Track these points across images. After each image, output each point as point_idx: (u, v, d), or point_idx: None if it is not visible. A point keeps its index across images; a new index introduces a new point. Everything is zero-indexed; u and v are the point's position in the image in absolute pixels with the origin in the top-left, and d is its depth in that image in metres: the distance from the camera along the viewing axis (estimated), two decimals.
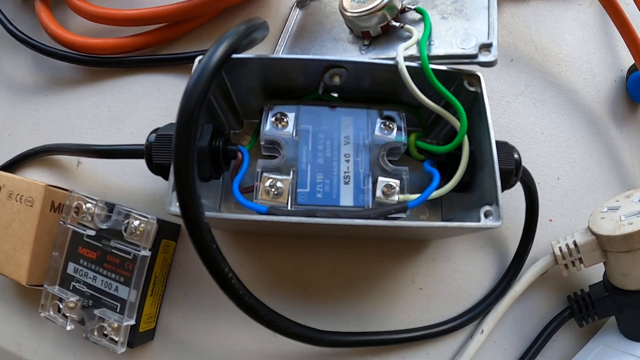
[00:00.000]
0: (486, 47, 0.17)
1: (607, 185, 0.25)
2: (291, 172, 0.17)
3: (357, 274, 0.20)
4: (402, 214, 0.16)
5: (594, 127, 0.26)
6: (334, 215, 0.15)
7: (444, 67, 0.17)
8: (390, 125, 0.18)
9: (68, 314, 0.19)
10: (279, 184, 0.16)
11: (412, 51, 0.18)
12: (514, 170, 0.17)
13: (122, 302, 0.18)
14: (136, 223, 0.18)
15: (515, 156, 0.18)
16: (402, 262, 0.20)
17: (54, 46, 0.25)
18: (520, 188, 0.20)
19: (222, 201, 0.20)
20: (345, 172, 0.17)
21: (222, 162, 0.17)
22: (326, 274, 0.20)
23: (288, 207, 0.16)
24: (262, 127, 0.17)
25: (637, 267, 0.19)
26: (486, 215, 0.15)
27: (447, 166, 0.18)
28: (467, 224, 0.15)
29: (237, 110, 0.20)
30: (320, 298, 0.20)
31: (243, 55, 0.16)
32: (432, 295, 0.20)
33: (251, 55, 0.17)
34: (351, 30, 0.20)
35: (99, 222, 0.19)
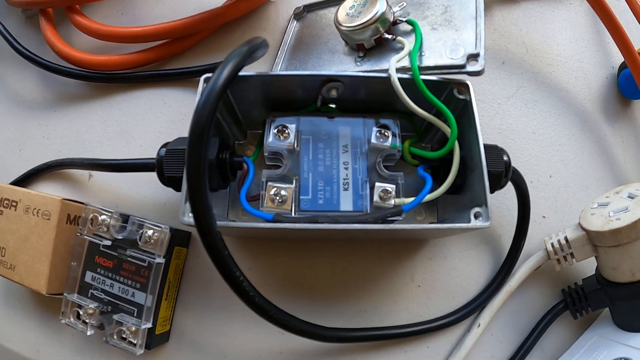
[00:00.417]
0: (473, 57, 0.19)
1: (600, 181, 0.26)
2: (294, 181, 0.19)
3: (358, 274, 0.22)
4: (397, 217, 0.17)
5: (585, 125, 0.27)
6: (334, 220, 0.16)
7: (434, 78, 0.19)
8: (386, 133, 0.19)
9: (87, 320, 0.21)
10: (283, 192, 0.18)
11: (405, 62, 0.20)
12: (504, 172, 0.19)
13: (139, 307, 0.20)
14: (150, 232, 0.20)
15: (505, 158, 0.19)
16: (401, 261, 0.22)
17: (60, 63, 0.27)
18: (513, 187, 0.22)
19: (229, 209, 0.21)
20: (344, 179, 0.19)
21: (229, 173, 0.19)
22: (329, 274, 0.22)
23: (292, 214, 0.18)
24: (265, 139, 0.19)
25: (626, 260, 0.20)
26: (476, 216, 0.17)
27: (440, 170, 0.20)
28: (458, 225, 0.17)
29: (240, 122, 0.22)
30: (324, 297, 0.22)
31: (245, 72, 0.18)
32: (431, 292, 0.22)
33: (252, 73, 0.18)
34: (346, 43, 0.22)
35: (115, 232, 0.21)
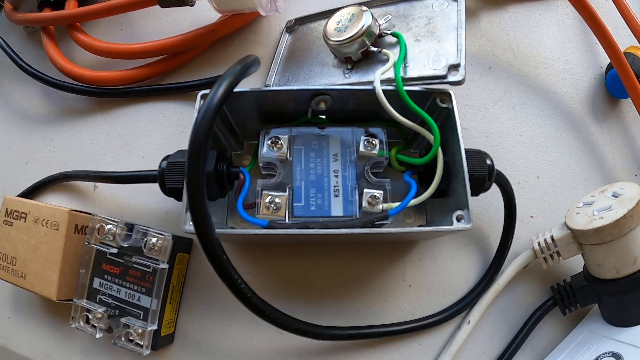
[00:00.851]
0: (454, 67, 0.21)
1: (588, 180, 0.28)
2: (287, 189, 0.21)
3: (352, 275, 0.24)
4: (384, 221, 0.19)
5: (573, 125, 0.29)
6: (324, 226, 0.18)
7: (417, 88, 0.21)
8: (373, 142, 0.21)
9: (96, 324, 0.23)
10: (277, 200, 0.20)
11: (390, 74, 0.21)
12: (487, 176, 0.21)
13: (145, 310, 0.22)
14: (154, 240, 0.22)
15: (488, 162, 0.21)
16: (393, 262, 0.24)
17: (63, 79, 0.29)
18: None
19: (228, 216, 0.23)
20: (334, 186, 0.21)
21: (226, 183, 0.21)
22: (324, 276, 0.24)
23: (286, 220, 0.20)
24: (260, 150, 0.21)
25: (611, 257, 0.22)
26: (458, 219, 0.19)
27: (426, 176, 0.21)
28: (440, 227, 0.19)
29: (237, 133, 0.24)
30: (320, 298, 0.24)
31: (239, 89, 0.20)
32: (422, 291, 0.24)
33: (247, 89, 0.20)
34: (335, 56, 0.24)
35: (121, 240, 0.23)
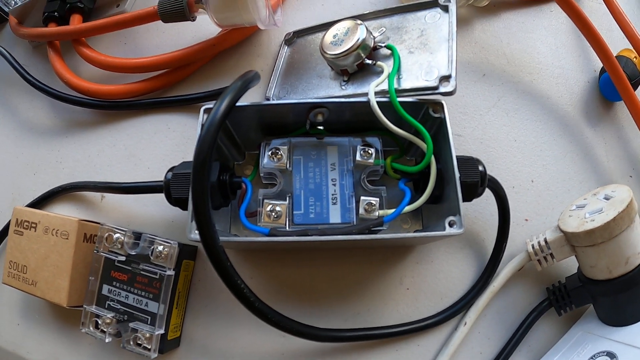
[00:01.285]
0: (446, 78, 0.22)
1: (582, 182, 0.29)
2: (287, 198, 0.22)
3: (351, 280, 0.25)
4: (380, 228, 0.21)
5: (567, 129, 0.30)
6: (322, 233, 0.20)
7: (411, 99, 0.22)
8: (369, 151, 0.23)
9: (105, 329, 0.25)
10: (277, 208, 0.22)
11: (385, 86, 0.23)
12: (479, 182, 0.22)
13: (153, 315, 0.24)
14: (160, 248, 0.24)
15: (480, 168, 0.22)
16: (390, 266, 0.26)
17: (69, 93, 0.31)
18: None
19: (232, 224, 0.25)
20: (332, 195, 0.22)
21: (229, 193, 0.23)
22: (324, 281, 0.26)
23: (286, 228, 0.21)
24: (261, 161, 0.23)
25: (603, 259, 0.23)
26: (450, 224, 0.20)
27: (420, 183, 0.23)
28: (432, 233, 0.20)
29: (239, 145, 0.25)
30: (320, 302, 0.25)
31: (241, 103, 0.22)
32: (419, 294, 0.25)
33: (247, 103, 0.22)
34: (332, 68, 0.25)
35: (128, 249, 0.24)
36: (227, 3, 0.26)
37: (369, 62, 0.24)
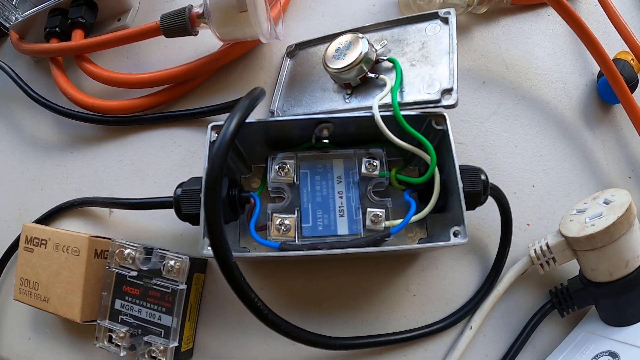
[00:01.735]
0: (447, 91, 0.23)
1: (582, 186, 0.30)
2: (296, 211, 0.23)
3: (359, 288, 0.27)
4: (387, 239, 0.22)
5: (566, 133, 0.31)
6: (332, 246, 0.21)
7: (414, 112, 0.23)
8: (374, 164, 0.24)
9: (120, 343, 0.26)
10: (286, 222, 0.23)
11: (388, 99, 0.24)
12: (482, 190, 0.23)
13: (166, 329, 0.25)
14: (172, 262, 0.25)
15: (482, 178, 0.24)
16: (397, 274, 0.27)
17: (73, 108, 0.32)
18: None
19: (240, 237, 0.26)
20: (339, 207, 0.23)
21: (238, 207, 0.24)
22: (333, 290, 0.27)
23: (296, 240, 0.22)
24: (268, 175, 0.24)
25: (603, 262, 0.24)
26: (455, 234, 0.21)
27: (424, 193, 0.24)
28: (438, 243, 0.21)
29: (245, 159, 0.26)
30: (329, 311, 0.26)
31: (247, 120, 0.23)
32: (425, 300, 0.26)
33: (254, 120, 0.23)
34: (335, 81, 0.26)
35: (140, 264, 0.25)
36: (230, 18, 0.27)
37: (372, 75, 0.25)
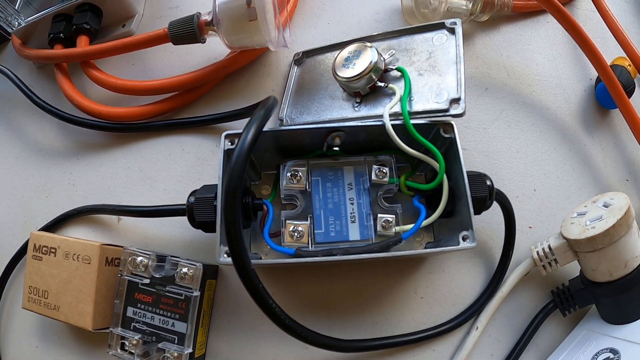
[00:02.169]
0: (455, 101, 0.24)
1: (582, 189, 0.32)
2: (308, 218, 0.24)
3: (369, 292, 0.28)
4: (398, 244, 0.23)
5: (566, 138, 0.33)
6: (346, 252, 0.22)
7: (423, 121, 0.24)
8: (384, 171, 0.25)
9: (133, 351, 0.26)
10: (300, 228, 0.24)
11: (397, 108, 0.25)
12: (488, 195, 0.24)
13: (180, 335, 0.26)
14: (185, 270, 0.25)
15: (488, 183, 0.25)
16: (405, 277, 0.28)
17: (79, 115, 0.32)
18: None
19: (252, 243, 0.27)
20: (351, 213, 0.24)
21: (251, 214, 0.24)
22: (343, 294, 0.28)
23: (309, 247, 0.23)
24: (281, 183, 0.24)
25: (603, 263, 0.25)
26: (464, 239, 0.22)
27: (433, 199, 0.25)
28: (449, 248, 0.22)
29: (255, 166, 0.27)
30: (339, 314, 0.27)
31: None
32: (432, 302, 0.28)
33: (266, 129, 0.24)
34: (344, 90, 0.27)
35: (153, 271, 0.26)
36: (239, 26, 0.27)
37: (381, 84, 0.26)
